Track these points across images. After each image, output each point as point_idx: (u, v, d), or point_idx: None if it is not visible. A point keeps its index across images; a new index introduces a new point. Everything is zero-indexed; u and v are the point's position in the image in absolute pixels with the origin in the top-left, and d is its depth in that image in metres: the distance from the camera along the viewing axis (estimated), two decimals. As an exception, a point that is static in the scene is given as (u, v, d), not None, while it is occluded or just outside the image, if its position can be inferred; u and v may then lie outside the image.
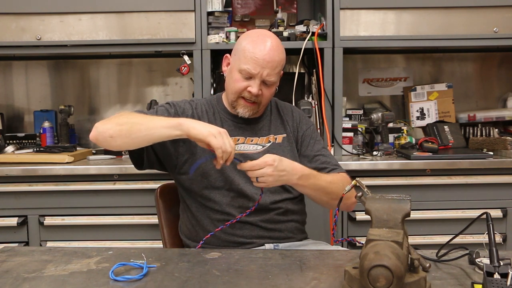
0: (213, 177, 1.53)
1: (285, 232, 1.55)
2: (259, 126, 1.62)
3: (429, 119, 2.76)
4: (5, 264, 1.21)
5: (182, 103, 1.61)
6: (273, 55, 1.50)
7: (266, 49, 1.49)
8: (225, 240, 1.52)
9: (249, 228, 1.52)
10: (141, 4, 2.40)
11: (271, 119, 1.65)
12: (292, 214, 1.58)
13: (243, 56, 1.50)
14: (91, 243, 2.25)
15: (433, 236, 2.25)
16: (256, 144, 1.58)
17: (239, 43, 1.55)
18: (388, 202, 1.03)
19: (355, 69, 2.89)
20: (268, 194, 1.52)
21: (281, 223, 1.55)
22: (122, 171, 2.24)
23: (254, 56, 1.48)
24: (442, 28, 2.42)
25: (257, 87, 1.49)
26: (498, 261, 1.00)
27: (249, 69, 1.48)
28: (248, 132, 1.60)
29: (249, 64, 1.48)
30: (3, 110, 2.86)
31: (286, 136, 1.62)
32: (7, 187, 2.26)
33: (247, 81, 1.50)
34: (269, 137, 1.60)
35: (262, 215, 1.52)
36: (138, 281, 1.08)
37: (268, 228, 1.52)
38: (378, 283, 0.88)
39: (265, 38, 1.53)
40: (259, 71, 1.48)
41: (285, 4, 2.77)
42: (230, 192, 1.53)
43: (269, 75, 1.49)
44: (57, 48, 2.46)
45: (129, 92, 2.92)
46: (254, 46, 1.50)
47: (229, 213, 1.51)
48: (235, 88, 1.52)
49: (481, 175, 2.26)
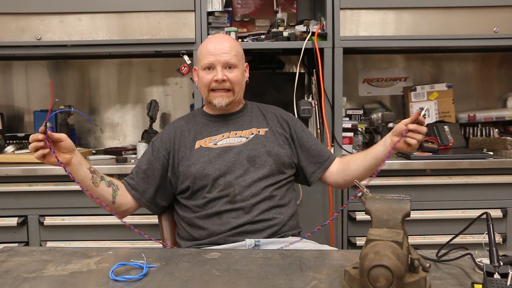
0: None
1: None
2: (241, 121, 1.71)
3: (429, 119, 2.76)
4: (5, 264, 1.21)
5: (161, 136, 1.71)
6: (223, 42, 1.65)
7: (219, 42, 1.66)
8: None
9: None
10: (141, 4, 2.40)
11: (252, 115, 1.74)
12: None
13: (201, 56, 1.67)
14: (91, 243, 2.26)
15: (433, 236, 2.25)
16: (240, 137, 1.66)
17: (198, 52, 1.71)
18: (388, 202, 1.03)
19: (355, 69, 2.89)
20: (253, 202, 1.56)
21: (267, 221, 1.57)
22: (122, 171, 2.23)
23: (208, 50, 1.64)
24: (442, 28, 2.42)
25: (220, 72, 1.62)
26: (498, 261, 1.00)
27: (208, 61, 1.63)
28: (232, 126, 1.69)
29: (206, 57, 1.64)
30: (3, 110, 2.86)
31: (269, 130, 1.69)
32: (7, 187, 2.26)
33: (211, 73, 1.64)
34: (252, 130, 1.68)
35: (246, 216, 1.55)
36: (138, 281, 1.08)
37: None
38: (378, 283, 0.88)
39: (216, 36, 1.75)
40: (216, 58, 1.63)
41: (285, 4, 2.77)
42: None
43: (227, 58, 1.63)
44: (57, 48, 2.46)
45: (129, 92, 2.93)
46: (208, 44, 1.67)
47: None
48: (203, 83, 1.65)
49: (481, 175, 2.26)
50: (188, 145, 1.65)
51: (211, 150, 1.62)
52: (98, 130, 2.95)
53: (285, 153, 1.66)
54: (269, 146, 1.64)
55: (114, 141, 2.94)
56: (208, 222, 1.56)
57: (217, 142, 1.64)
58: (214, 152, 1.61)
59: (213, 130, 1.68)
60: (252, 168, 1.59)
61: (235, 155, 1.60)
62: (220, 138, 1.65)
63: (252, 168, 1.59)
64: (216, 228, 1.54)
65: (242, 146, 1.63)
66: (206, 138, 1.66)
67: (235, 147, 1.62)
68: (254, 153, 1.61)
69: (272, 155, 1.62)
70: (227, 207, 1.54)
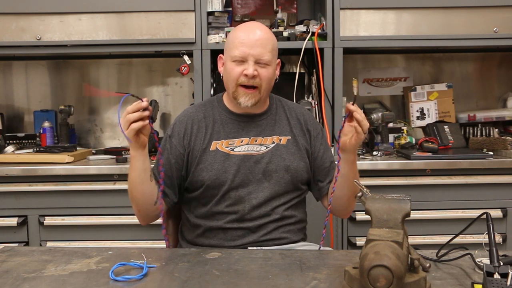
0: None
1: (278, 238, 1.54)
2: (263, 124, 1.57)
3: (429, 119, 2.77)
4: (5, 264, 1.21)
5: (178, 131, 1.57)
6: (260, 34, 1.50)
7: (252, 31, 1.50)
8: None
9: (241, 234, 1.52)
10: (141, 4, 2.40)
11: (276, 118, 1.61)
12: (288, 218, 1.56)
13: (232, 45, 1.51)
14: (91, 243, 2.25)
15: (433, 236, 2.25)
16: (260, 145, 1.54)
17: (227, 39, 1.57)
18: (388, 202, 1.03)
19: (355, 69, 2.89)
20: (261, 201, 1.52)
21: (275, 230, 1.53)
22: (122, 171, 2.24)
23: (241, 41, 1.48)
24: (442, 28, 2.42)
25: (252, 67, 1.47)
26: (498, 261, 1.00)
27: (239, 53, 1.48)
28: (252, 131, 1.55)
29: (239, 48, 1.48)
30: (3, 110, 2.86)
31: (292, 139, 1.58)
32: (7, 187, 2.26)
33: (241, 65, 1.49)
34: (273, 138, 1.56)
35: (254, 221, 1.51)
36: (138, 281, 1.08)
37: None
38: (378, 283, 0.88)
39: (250, 24, 1.58)
40: (249, 52, 1.47)
41: (285, 4, 2.77)
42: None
43: (261, 54, 1.48)
44: (57, 48, 2.46)
45: (129, 92, 2.92)
46: (240, 33, 1.51)
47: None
48: (231, 77, 1.50)
49: (481, 175, 2.26)
50: (204, 144, 1.53)
51: (228, 156, 1.51)
52: (98, 130, 2.95)
53: (304, 168, 1.56)
54: (288, 159, 1.53)
55: (114, 141, 2.94)
56: (212, 234, 1.51)
57: (234, 147, 1.52)
58: (230, 161, 1.50)
59: (232, 132, 1.54)
60: (267, 183, 1.51)
61: (251, 166, 1.51)
62: (238, 143, 1.53)
63: (267, 184, 1.51)
64: (220, 242, 1.51)
65: (260, 156, 1.52)
66: (223, 140, 1.53)
67: (252, 157, 1.52)
68: (272, 167, 1.51)
69: (291, 170, 1.53)
70: (234, 225, 1.49)
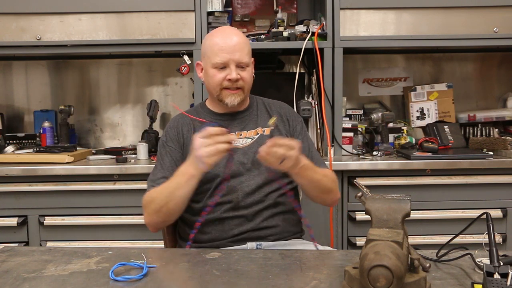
0: None
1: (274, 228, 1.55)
2: (246, 119, 1.66)
3: (429, 119, 2.77)
4: (5, 264, 1.21)
5: (170, 136, 1.64)
6: (237, 39, 1.58)
7: (229, 37, 1.59)
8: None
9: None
10: (141, 4, 2.40)
11: (258, 113, 1.69)
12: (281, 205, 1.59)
13: (211, 52, 1.59)
14: (91, 243, 2.25)
15: (433, 236, 2.25)
16: (245, 138, 1.62)
17: (203, 45, 1.64)
18: (388, 202, 1.03)
19: (355, 69, 2.89)
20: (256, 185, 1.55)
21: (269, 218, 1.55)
22: (122, 171, 2.24)
23: (220, 47, 1.56)
24: (442, 28, 2.42)
25: (234, 72, 1.56)
26: (498, 261, 1.00)
27: (221, 59, 1.56)
28: (237, 127, 1.63)
29: (219, 55, 1.56)
30: (3, 110, 2.86)
31: (275, 129, 1.65)
32: (7, 187, 2.26)
33: (223, 71, 1.57)
34: (257, 130, 1.64)
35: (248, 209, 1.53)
36: (138, 281, 1.08)
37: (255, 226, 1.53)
38: (378, 283, 0.88)
39: (224, 29, 1.66)
40: (230, 57, 1.56)
41: (285, 4, 2.77)
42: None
43: (241, 57, 1.57)
44: (57, 48, 2.46)
45: (129, 92, 2.93)
46: (217, 39, 1.59)
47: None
48: (215, 82, 1.59)
49: (481, 175, 2.26)
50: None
51: None
52: (98, 130, 2.95)
53: None
54: None
55: (114, 141, 2.94)
56: (209, 227, 1.54)
57: None
58: None
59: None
60: (257, 171, 1.55)
61: (240, 158, 1.56)
62: None
63: (257, 172, 1.55)
64: (218, 234, 1.53)
65: (247, 148, 1.59)
66: None
67: (240, 149, 1.58)
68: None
69: None
70: (230, 214, 1.52)
